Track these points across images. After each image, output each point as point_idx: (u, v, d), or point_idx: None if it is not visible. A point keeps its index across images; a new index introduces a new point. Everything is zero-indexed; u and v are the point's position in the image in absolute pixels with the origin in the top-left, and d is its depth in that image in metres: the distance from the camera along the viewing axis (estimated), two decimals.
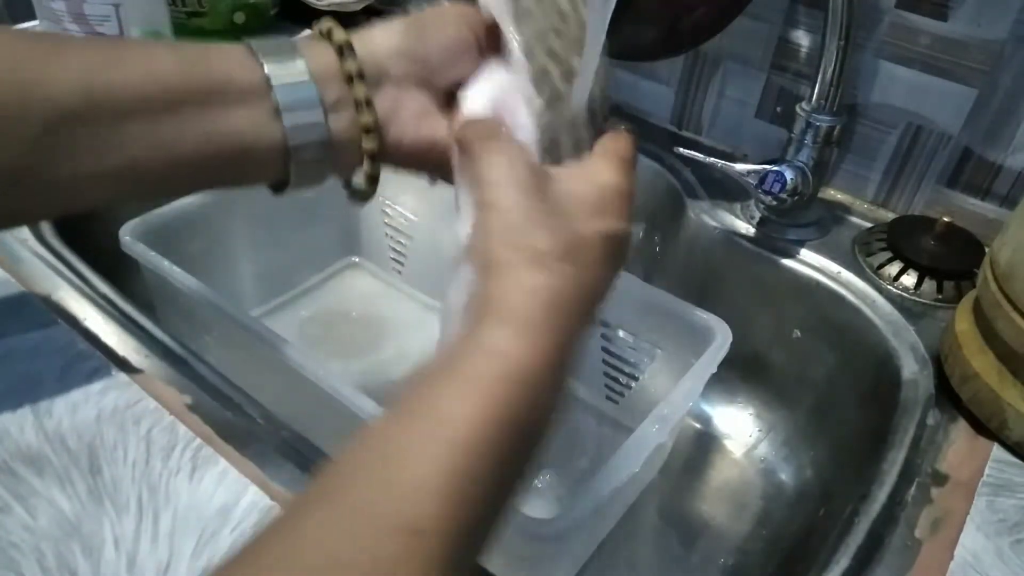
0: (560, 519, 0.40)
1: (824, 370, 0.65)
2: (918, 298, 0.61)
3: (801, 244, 0.66)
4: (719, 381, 0.56)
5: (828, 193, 0.72)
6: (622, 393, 0.64)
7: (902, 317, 0.59)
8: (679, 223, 0.72)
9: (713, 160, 0.64)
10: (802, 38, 0.68)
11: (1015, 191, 0.63)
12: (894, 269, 0.62)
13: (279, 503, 0.42)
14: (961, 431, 0.50)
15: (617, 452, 0.44)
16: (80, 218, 0.65)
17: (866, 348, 0.60)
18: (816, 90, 0.61)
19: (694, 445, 0.69)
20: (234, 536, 0.40)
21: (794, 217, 0.67)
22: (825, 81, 0.61)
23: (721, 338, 0.51)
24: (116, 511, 0.41)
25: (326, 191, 0.72)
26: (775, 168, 0.63)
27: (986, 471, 0.47)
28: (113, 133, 0.29)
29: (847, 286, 0.63)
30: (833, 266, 0.64)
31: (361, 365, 0.72)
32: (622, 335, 0.62)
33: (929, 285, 0.61)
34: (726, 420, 0.71)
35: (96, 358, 0.49)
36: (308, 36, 0.35)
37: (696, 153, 0.65)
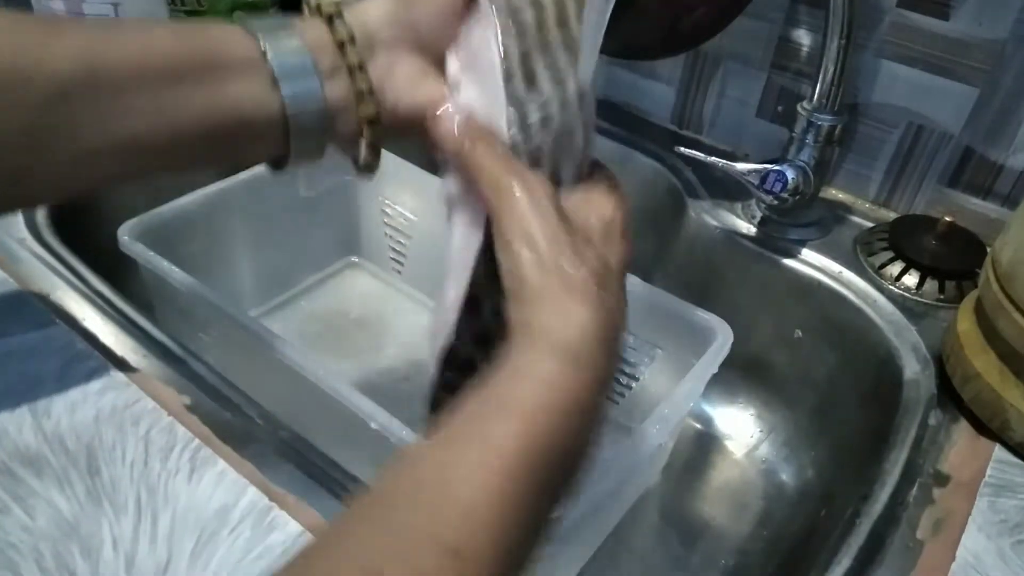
0: (560, 519, 0.39)
1: (825, 370, 0.65)
2: (920, 298, 0.61)
3: (802, 244, 0.66)
4: (720, 381, 0.56)
5: (829, 193, 0.72)
6: (622, 393, 0.64)
7: (904, 317, 0.59)
8: (680, 223, 0.72)
9: (714, 159, 0.64)
10: (803, 37, 0.68)
11: (1016, 191, 0.63)
12: (896, 269, 0.62)
13: (277, 504, 0.42)
14: (963, 431, 0.50)
15: (617, 452, 0.43)
16: (79, 218, 0.65)
17: (867, 348, 0.60)
18: (817, 89, 0.61)
19: (695, 445, 0.69)
20: (233, 537, 0.40)
21: (795, 217, 0.67)
22: (826, 80, 0.61)
23: (722, 338, 0.51)
24: (115, 512, 0.41)
25: (326, 191, 0.72)
26: (776, 168, 0.63)
27: (988, 472, 0.47)
28: (114, 106, 0.29)
29: (848, 286, 0.63)
30: (834, 266, 0.64)
31: (360, 365, 0.72)
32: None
33: (931, 285, 0.61)
34: (727, 420, 0.70)
35: (95, 358, 0.49)
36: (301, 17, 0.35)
37: (697, 152, 0.65)
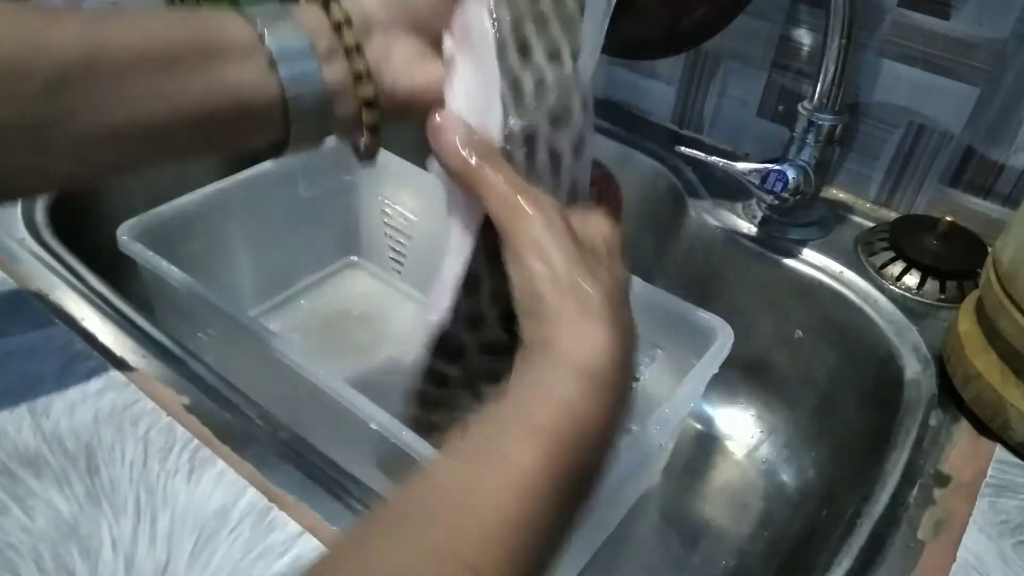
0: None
1: (826, 370, 0.64)
2: (920, 298, 0.61)
3: (803, 244, 0.66)
4: (720, 382, 0.56)
5: (830, 192, 0.72)
6: None
7: (904, 317, 0.59)
8: (680, 222, 0.72)
9: (714, 159, 0.64)
10: (804, 37, 0.68)
11: (1018, 190, 0.63)
12: (896, 269, 0.62)
13: (277, 504, 0.42)
14: (964, 432, 0.50)
15: (617, 453, 0.43)
16: (78, 218, 0.65)
17: (868, 348, 0.60)
18: (818, 89, 0.61)
19: (695, 446, 0.69)
20: (232, 537, 0.40)
21: (796, 217, 0.67)
22: (827, 80, 0.61)
23: (722, 338, 0.51)
24: (114, 512, 0.41)
25: (325, 190, 0.72)
26: (777, 167, 0.62)
27: (989, 472, 0.47)
28: (114, 89, 0.30)
29: (849, 286, 0.62)
30: (835, 266, 0.64)
31: (360, 365, 0.71)
32: None
33: (932, 285, 0.61)
34: (727, 421, 0.70)
35: (94, 358, 0.49)
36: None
37: (697, 152, 0.65)
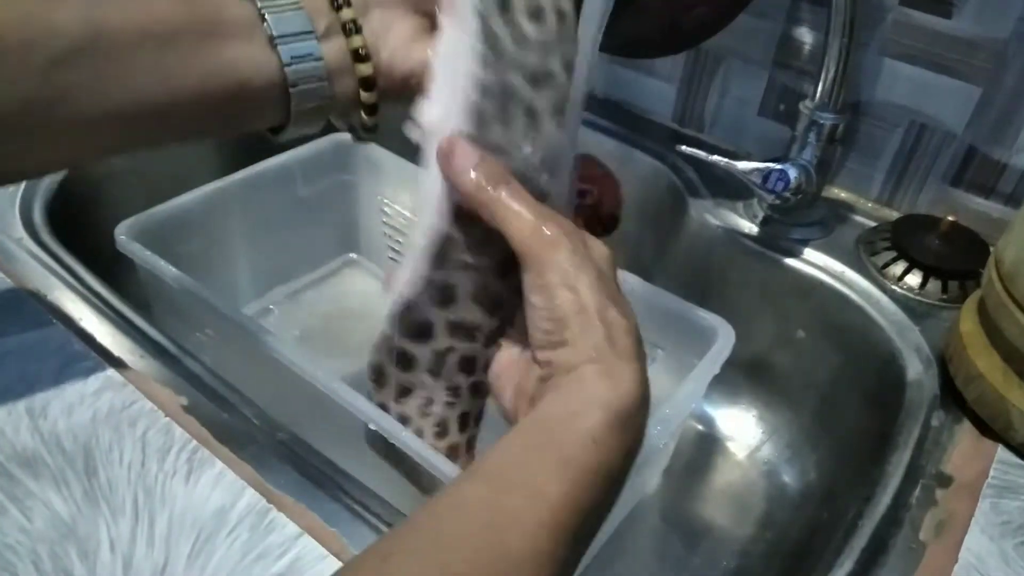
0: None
1: (828, 371, 0.64)
2: (922, 298, 0.60)
3: (804, 243, 0.66)
4: (722, 382, 0.55)
5: (832, 192, 0.72)
6: None
7: (906, 317, 0.59)
8: (681, 222, 0.71)
9: (715, 158, 0.63)
10: (805, 35, 0.68)
11: (1020, 190, 0.63)
12: (898, 269, 0.62)
13: (275, 505, 0.41)
14: (966, 432, 0.50)
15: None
16: (76, 217, 0.65)
17: (870, 348, 0.59)
18: (819, 88, 0.61)
19: (696, 447, 0.69)
20: (231, 538, 0.40)
21: (797, 216, 0.67)
22: (828, 79, 0.60)
23: (724, 339, 0.51)
24: (112, 513, 0.41)
25: (323, 189, 0.72)
26: (778, 166, 0.62)
27: (991, 473, 0.47)
28: (116, 68, 0.30)
29: (851, 286, 0.62)
30: (837, 265, 0.64)
31: (358, 364, 0.71)
32: None
33: (934, 285, 0.61)
34: (729, 422, 0.70)
35: (92, 358, 0.49)
36: None
37: (698, 151, 0.64)
